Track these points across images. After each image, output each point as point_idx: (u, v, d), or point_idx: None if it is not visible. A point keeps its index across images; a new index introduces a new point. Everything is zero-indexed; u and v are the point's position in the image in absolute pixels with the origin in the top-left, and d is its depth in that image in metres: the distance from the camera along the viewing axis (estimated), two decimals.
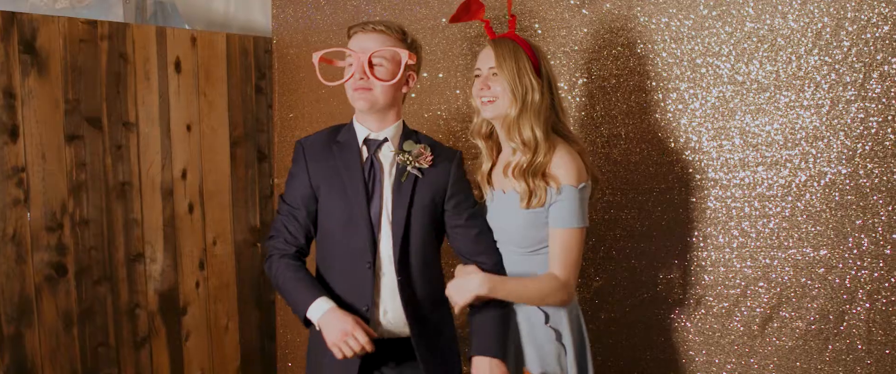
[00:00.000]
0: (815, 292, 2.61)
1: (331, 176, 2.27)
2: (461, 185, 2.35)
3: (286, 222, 2.31)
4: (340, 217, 2.25)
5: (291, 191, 2.33)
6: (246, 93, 3.64)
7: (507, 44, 2.25)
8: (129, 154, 3.27)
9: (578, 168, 2.19)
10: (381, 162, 2.29)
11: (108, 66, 3.19)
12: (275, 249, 2.30)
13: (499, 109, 2.25)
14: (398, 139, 2.31)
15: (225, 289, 3.60)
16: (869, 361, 2.56)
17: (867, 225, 2.52)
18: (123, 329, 3.27)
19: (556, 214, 2.19)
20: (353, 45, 2.24)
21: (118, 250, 3.25)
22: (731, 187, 2.70)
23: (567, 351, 2.27)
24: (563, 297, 2.20)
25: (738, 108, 2.67)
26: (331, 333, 2.10)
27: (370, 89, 2.21)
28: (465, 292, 2.18)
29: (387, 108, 2.28)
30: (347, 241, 2.24)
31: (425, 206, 2.27)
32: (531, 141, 2.19)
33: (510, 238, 2.30)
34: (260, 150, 3.71)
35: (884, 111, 2.47)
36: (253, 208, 3.69)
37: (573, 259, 2.19)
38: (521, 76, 2.20)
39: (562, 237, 2.19)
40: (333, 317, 2.12)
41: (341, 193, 2.25)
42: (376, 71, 2.21)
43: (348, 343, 2.08)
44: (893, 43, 2.44)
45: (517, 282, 2.23)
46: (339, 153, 2.29)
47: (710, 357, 2.78)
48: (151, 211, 3.35)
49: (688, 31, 2.72)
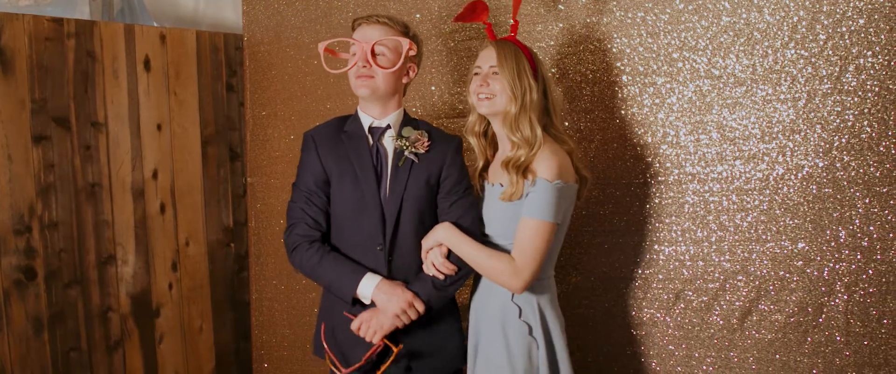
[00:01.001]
0: (794, 284, 2.62)
1: (341, 163, 2.36)
2: (455, 169, 2.41)
3: (305, 207, 2.38)
4: (352, 203, 2.34)
5: (305, 178, 2.41)
6: (217, 91, 3.59)
7: (509, 46, 2.33)
8: (99, 154, 3.21)
9: (560, 166, 2.23)
10: (385, 148, 2.39)
11: (75, 64, 3.12)
12: (300, 237, 2.36)
13: (495, 106, 2.32)
14: (399, 126, 2.41)
15: (198, 290, 3.55)
16: (847, 352, 2.58)
17: (844, 218, 2.54)
18: (95, 333, 3.21)
19: (527, 203, 2.24)
20: (357, 36, 2.34)
21: (89, 252, 3.18)
22: (708, 181, 2.70)
23: (539, 345, 2.29)
24: (513, 283, 2.23)
25: (715, 102, 2.66)
26: (391, 304, 2.24)
27: (372, 77, 2.31)
28: (431, 238, 2.33)
29: (388, 96, 2.38)
30: (359, 225, 2.34)
31: (419, 188, 2.35)
32: (530, 137, 2.26)
33: (493, 229, 2.37)
34: (232, 148, 3.65)
35: (860, 104, 2.48)
36: (225, 207, 3.64)
37: (534, 249, 2.22)
38: (521, 77, 2.28)
39: (527, 226, 2.23)
40: (388, 289, 2.26)
41: (353, 179, 2.34)
42: (378, 59, 2.31)
43: (408, 313, 2.25)
44: (869, 36, 2.45)
45: (476, 245, 2.28)
46: (347, 142, 2.39)
47: (689, 351, 2.79)
48: (122, 212, 3.28)
49: (664, 26, 2.71)
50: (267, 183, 3.57)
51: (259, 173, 3.59)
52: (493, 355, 2.33)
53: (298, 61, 3.46)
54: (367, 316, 2.27)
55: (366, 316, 2.27)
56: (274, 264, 3.58)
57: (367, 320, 2.27)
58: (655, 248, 2.81)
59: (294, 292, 3.55)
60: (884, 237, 2.50)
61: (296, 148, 3.46)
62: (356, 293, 2.28)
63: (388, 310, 2.24)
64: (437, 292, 2.32)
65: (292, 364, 3.58)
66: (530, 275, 2.22)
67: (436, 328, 2.41)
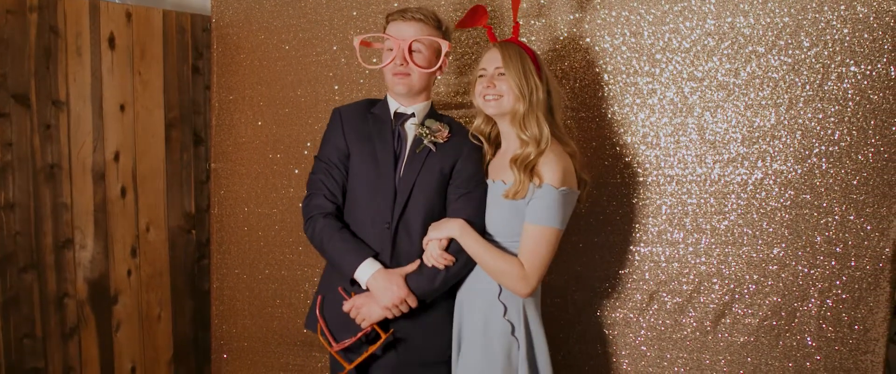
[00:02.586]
0: (768, 288, 2.64)
1: (363, 141, 2.43)
2: (470, 164, 2.45)
3: (324, 179, 2.45)
4: (368, 180, 2.40)
5: (327, 150, 2.48)
6: (183, 73, 3.48)
7: (513, 47, 2.35)
8: (59, 134, 3.09)
9: (565, 172, 2.24)
10: (406, 133, 2.46)
11: (37, 39, 3.00)
12: (316, 208, 2.43)
13: (503, 107, 2.32)
14: (423, 116, 2.48)
15: (158, 277, 3.45)
16: (818, 357, 2.61)
17: (821, 224, 2.56)
18: (51, 320, 3.09)
19: (532, 209, 2.23)
20: (392, 32, 2.41)
21: (46, 236, 3.06)
22: (686, 183, 2.70)
23: (520, 345, 2.29)
24: (520, 287, 2.24)
25: (696, 104, 2.67)
26: (383, 296, 2.28)
27: (408, 75, 2.39)
28: (442, 229, 2.34)
29: (421, 90, 2.46)
30: (371, 203, 2.39)
31: (433, 175, 2.40)
32: (538, 135, 2.26)
33: (493, 226, 2.36)
34: (196, 133, 3.55)
35: (840, 112, 2.50)
36: (188, 193, 3.53)
37: (540, 256, 2.23)
38: (527, 76, 2.29)
39: (533, 233, 2.23)
40: (383, 279, 2.29)
41: (371, 157, 2.41)
42: (415, 57, 2.38)
43: (400, 308, 2.29)
44: (852, 45, 2.47)
45: (487, 246, 2.29)
46: (372, 122, 2.47)
47: (661, 352, 2.79)
48: (82, 195, 3.17)
49: (648, 26, 2.70)
50: (232, 169, 3.48)
51: (224, 159, 3.49)
52: (473, 350, 2.33)
53: (269, 46, 3.37)
54: (360, 302, 2.33)
55: (358, 301, 2.33)
56: (237, 253, 3.49)
57: (358, 305, 2.33)
58: (631, 248, 2.80)
59: (257, 282, 3.46)
60: (859, 244, 2.53)
61: (264, 134, 3.39)
62: (354, 276, 2.32)
63: (381, 301, 2.29)
64: (433, 287, 2.33)
65: (252, 355, 3.50)
66: (537, 281, 2.25)
67: (427, 318, 2.42)
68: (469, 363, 2.32)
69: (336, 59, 3.23)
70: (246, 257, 3.48)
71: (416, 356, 2.43)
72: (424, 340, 2.43)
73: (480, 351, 2.30)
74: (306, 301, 3.35)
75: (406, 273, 2.33)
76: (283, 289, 3.40)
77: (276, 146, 3.37)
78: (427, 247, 2.37)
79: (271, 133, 3.38)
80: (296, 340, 3.39)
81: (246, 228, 3.47)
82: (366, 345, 2.39)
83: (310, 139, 3.29)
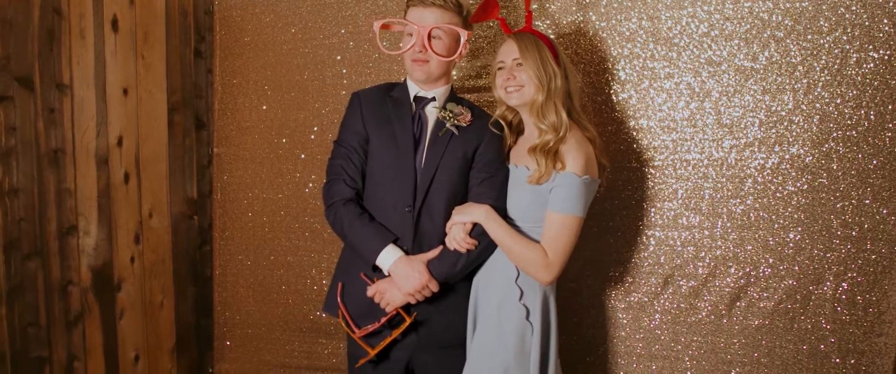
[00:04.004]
0: (784, 272, 2.66)
1: (382, 124, 2.42)
2: (491, 148, 2.45)
3: (344, 164, 2.43)
4: (388, 163, 2.39)
5: (347, 135, 2.46)
6: (185, 56, 3.42)
7: (528, 36, 2.36)
8: (63, 118, 3.02)
9: (587, 159, 2.26)
10: (426, 117, 2.44)
11: (40, 21, 2.92)
12: (336, 194, 2.41)
13: (525, 96, 2.33)
14: (444, 100, 2.47)
15: (161, 264, 3.39)
16: (833, 339, 2.64)
17: (837, 208, 2.58)
18: (55, 308, 3.03)
19: (554, 197, 2.24)
20: (412, 17, 2.38)
21: (50, 222, 3.00)
22: (703, 168, 2.71)
23: (534, 330, 2.29)
24: (542, 274, 2.25)
25: (713, 88, 2.67)
26: (406, 282, 2.28)
27: (427, 61, 2.38)
28: (467, 213, 2.34)
29: (440, 76, 2.44)
30: (391, 186, 2.38)
31: (456, 159, 2.39)
32: (557, 123, 2.27)
33: (515, 211, 2.37)
34: (198, 117, 3.50)
35: (858, 97, 2.52)
36: (190, 178, 3.48)
37: (563, 244, 2.24)
38: (545, 65, 2.30)
39: (556, 221, 2.24)
40: (406, 266, 2.29)
41: (391, 140, 2.40)
42: (434, 44, 2.36)
43: (422, 294, 2.30)
44: (871, 30, 2.49)
45: (512, 232, 2.29)
46: (391, 106, 2.45)
47: (675, 336, 2.81)
48: (85, 180, 3.10)
49: (665, 10, 2.70)
50: (235, 154, 3.43)
51: (227, 144, 3.44)
52: (487, 332, 2.33)
53: (275, 29, 3.32)
54: (383, 287, 2.33)
55: (382, 286, 2.34)
56: (241, 239, 3.45)
57: (381, 290, 2.34)
58: (646, 233, 2.81)
59: (261, 269, 3.43)
60: (874, 228, 2.56)
61: (268, 119, 3.34)
62: (376, 262, 2.32)
63: (404, 288, 2.29)
64: (454, 271, 2.34)
65: (256, 342, 3.46)
66: (559, 269, 2.26)
67: (446, 301, 2.42)
68: (482, 345, 2.33)
69: (344, 42, 3.19)
70: (250, 243, 3.44)
71: (436, 339, 2.43)
72: (444, 323, 2.44)
73: (494, 334, 2.31)
74: (313, 287, 3.32)
75: (428, 259, 2.33)
76: (289, 275, 3.36)
77: (282, 130, 3.32)
78: (451, 230, 2.36)
79: (277, 117, 3.33)
80: (302, 326, 3.36)
81: (250, 213, 3.42)
82: (389, 330, 2.39)
83: (317, 123, 3.25)
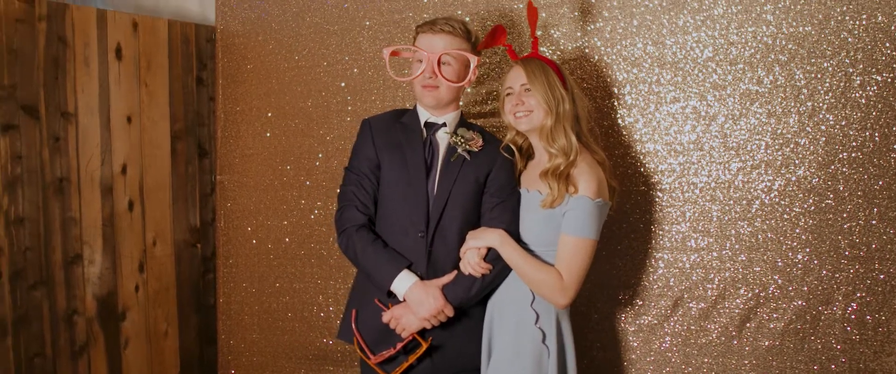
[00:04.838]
0: (793, 293, 2.68)
1: (393, 150, 2.44)
2: (503, 173, 2.48)
3: (356, 190, 2.45)
4: (400, 189, 2.41)
5: (358, 161, 2.49)
6: (187, 84, 3.42)
7: (535, 62, 2.39)
8: (68, 147, 3.01)
9: (599, 183, 2.28)
10: (438, 143, 2.47)
11: (46, 49, 2.92)
12: (348, 221, 2.43)
13: (534, 122, 2.36)
14: (454, 126, 2.50)
15: (165, 293, 3.38)
16: (843, 359, 2.65)
17: (844, 228, 2.61)
18: (60, 337, 3.01)
19: (568, 220, 2.26)
20: (422, 43, 2.42)
21: (55, 251, 2.98)
22: (710, 190, 2.73)
23: (550, 353, 2.29)
24: (558, 297, 2.26)
25: (719, 112, 2.70)
26: (422, 308, 2.29)
27: (437, 87, 2.41)
28: (481, 238, 2.36)
29: (450, 101, 2.48)
30: (404, 211, 2.40)
31: (468, 184, 2.42)
32: (567, 147, 2.30)
33: (528, 235, 2.38)
34: (201, 144, 3.49)
35: (863, 119, 2.56)
36: (193, 206, 3.47)
37: (577, 267, 2.26)
38: (553, 89, 2.33)
39: (570, 244, 2.26)
40: (421, 291, 2.30)
41: (402, 166, 2.42)
42: (444, 70, 2.39)
43: (438, 319, 2.32)
44: (874, 53, 2.53)
45: (526, 256, 2.31)
46: (402, 132, 2.48)
47: (686, 358, 2.81)
48: (90, 209, 3.09)
49: (670, 35, 2.74)
50: (239, 181, 3.43)
51: (230, 171, 3.44)
52: (503, 357, 2.33)
53: (278, 56, 3.34)
54: (399, 312, 2.34)
55: (397, 312, 2.35)
56: (245, 266, 3.44)
57: (397, 316, 2.34)
58: (655, 255, 2.82)
59: (266, 296, 3.41)
60: (882, 248, 2.58)
61: (272, 146, 3.35)
62: (390, 288, 2.34)
63: (419, 313, 2.30)
64: (469, 295, 2.35)
65: (261, 370, 3.44)
66: (575, 292, 2.27)
67: (461, 326, 2.43)
68: (499, 370, 2.33)
69: (348, 68, 3.21)
70: (254, 271, 3.43)
71: (450, 364, 2.44)
72: (459, 348, 2.44)
73: (511, 359, 2.31)
74: (320, 314, 3.31)
75: (443, 284, 2.34)
76: (295, 302, 3.35)
77: (286, 157, 3.33)
78: (465, 255, 2.37)
79: (280, 144, 3.34)
80: (308, 354, 3.34)
81: (254, 241, 3.42)
82: (404, 356, 2.38)
83: (321, 150, 3.26)
